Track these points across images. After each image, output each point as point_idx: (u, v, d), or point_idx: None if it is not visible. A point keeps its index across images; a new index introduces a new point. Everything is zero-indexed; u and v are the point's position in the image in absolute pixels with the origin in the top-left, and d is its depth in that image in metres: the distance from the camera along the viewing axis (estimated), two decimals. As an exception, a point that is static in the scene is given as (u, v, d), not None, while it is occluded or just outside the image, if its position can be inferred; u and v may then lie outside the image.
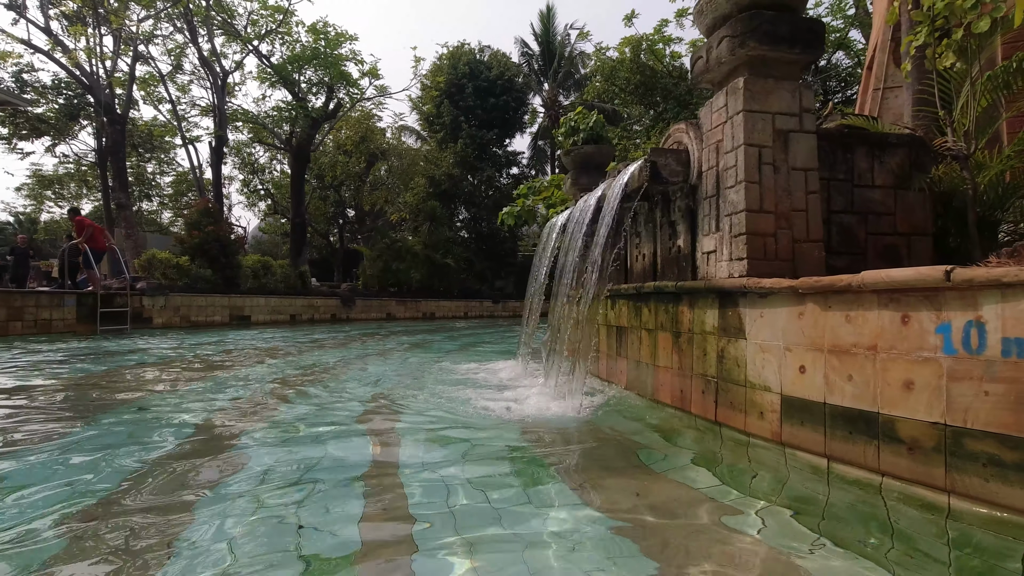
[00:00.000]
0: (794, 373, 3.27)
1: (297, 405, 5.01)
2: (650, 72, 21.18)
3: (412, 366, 8.12)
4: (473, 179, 31.52)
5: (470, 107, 30.94)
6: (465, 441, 3.86)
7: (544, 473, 3.27)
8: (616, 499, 2.86)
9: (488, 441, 3.88)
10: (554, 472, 3.29)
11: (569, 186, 8.15)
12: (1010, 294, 2.28)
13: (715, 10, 3.91)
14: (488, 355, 9.83)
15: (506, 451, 3.66)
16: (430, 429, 4.19)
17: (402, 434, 4.04)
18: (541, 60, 36.65)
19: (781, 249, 3.67)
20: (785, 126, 3.73)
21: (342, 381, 6.43)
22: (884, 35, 11.55)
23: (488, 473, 3.22)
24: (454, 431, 4.16)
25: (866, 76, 12.88)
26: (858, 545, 2.35)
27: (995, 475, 2.32)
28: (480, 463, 3.40)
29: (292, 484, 2.96)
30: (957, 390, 2.45)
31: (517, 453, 3.63)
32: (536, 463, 3.45)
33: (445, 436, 4.04)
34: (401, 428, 4.23)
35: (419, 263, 26.43)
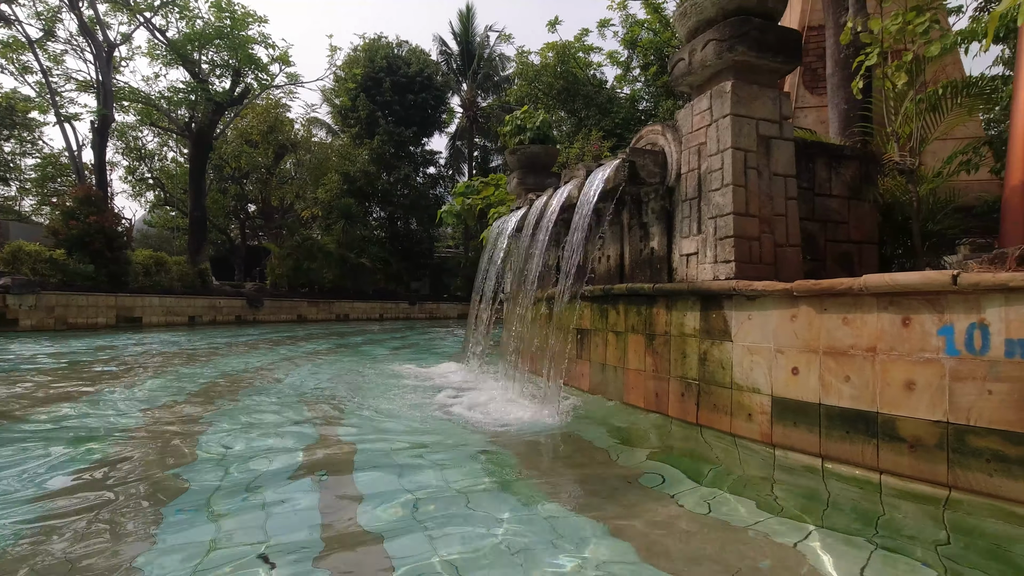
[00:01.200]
0: (786, 375, 3.31)
1: (218, 433, 4.00)
2: (572, 79, 21.63)
3: (350, 371, 7.57)
4: (389, 177, 30.53)
5: (387, 102, 29.97)
6: (444, 467, 3.57)
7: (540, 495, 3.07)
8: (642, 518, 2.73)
9: (475, 460, 3.61)
10: (548, 492, 3.11)
11: (515, 185, 8.01)
12: (1014, 298, 2.41)
13: (699, 13, 3.92)
14: (427, 358, 9.43)
15: (501, 470, 3.42)
16: (399, 449, 3.83)
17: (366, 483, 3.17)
18: (460, 60, 36.38)
19: (765, 253, 3.73)
20: (768, 132, 3.81)
21: (271, 394, 5.78)
22: (794, 59, 12.31)
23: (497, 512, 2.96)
24: (430, 457, 3.82)
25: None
26: (859, 533, 2.39)
27: (999, 470, 2.43)
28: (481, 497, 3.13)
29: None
30: (960, 390, 2.56)
31: (509, 475, 3.40)
32: (532, 490, 3.24)
33: (417, 463, 3.71)
34: (365, 471, 3.83)
35: (332, 263, 25.14)
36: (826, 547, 2.37)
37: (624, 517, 2.65)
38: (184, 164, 27.60)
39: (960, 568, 2.21)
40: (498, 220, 7.43)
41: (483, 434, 4.11)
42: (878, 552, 2.34)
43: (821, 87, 12.07)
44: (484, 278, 7.21)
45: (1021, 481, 2.37)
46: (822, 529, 2.55)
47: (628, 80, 24.14)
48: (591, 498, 2.94)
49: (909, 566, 2.22)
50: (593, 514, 2.68)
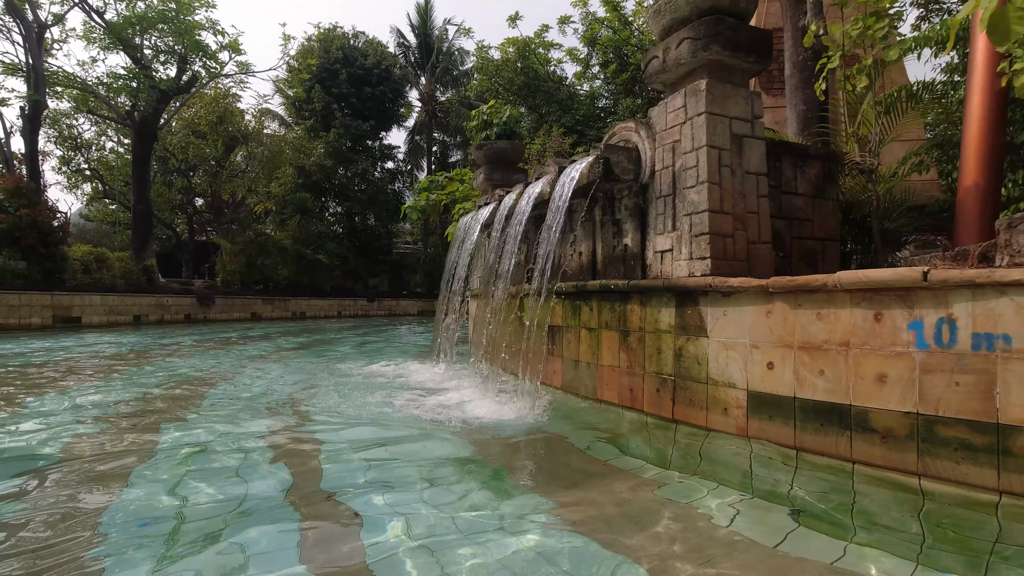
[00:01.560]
0: (762, 370, 3.38)
1: (173, 447, 3.57)
2: (533, 74, 21.64)
3: (316, 371, 7.33)
4: (346, 171, 29.82)
5: (344, 95, 29.22)
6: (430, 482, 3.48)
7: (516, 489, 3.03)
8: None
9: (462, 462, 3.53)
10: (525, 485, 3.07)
11: (482, 181, 7.93)
12: (980, 293, 2.52)
13: (674, 11, 3.95)
14: (393, 356, 9.23)
15: (487, 473, 3.36)
16: (378, 462, 3.71)
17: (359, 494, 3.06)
18: (418, 53, 35.84)
19: (739, 249, 3.80)
20: (740, 131, 3.88)
21: (232, 401, 5.49)
22: (750, 61, 12.59)
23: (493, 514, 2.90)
24: (410, 468, 3.72)
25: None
26: (832, 521, 2.47)
27: (966, 458, 2.55)
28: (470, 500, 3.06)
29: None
30: (929, 382, 2.66)
31: (490, 475, 3.34)
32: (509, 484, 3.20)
33: (400, 475, 3.61)
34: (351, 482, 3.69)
35: (288, 259, 24.37)
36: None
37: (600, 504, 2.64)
38: (125, 155, 26.19)
39: (928, 550, 2.29)
40: (465, 216, 7.34)
41: (460, 435, 4.04)
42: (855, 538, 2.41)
43: (776, 88, 12.46)
44: (452, 275, 7.11)
45: (986, 468, 2.49)
46: (801, 515, 2.61)
47: (587, 77, 24.35)
48: (589, 509, 2.92)
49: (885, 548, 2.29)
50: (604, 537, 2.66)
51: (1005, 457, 2.43)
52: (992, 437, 2.47)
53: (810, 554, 2.28)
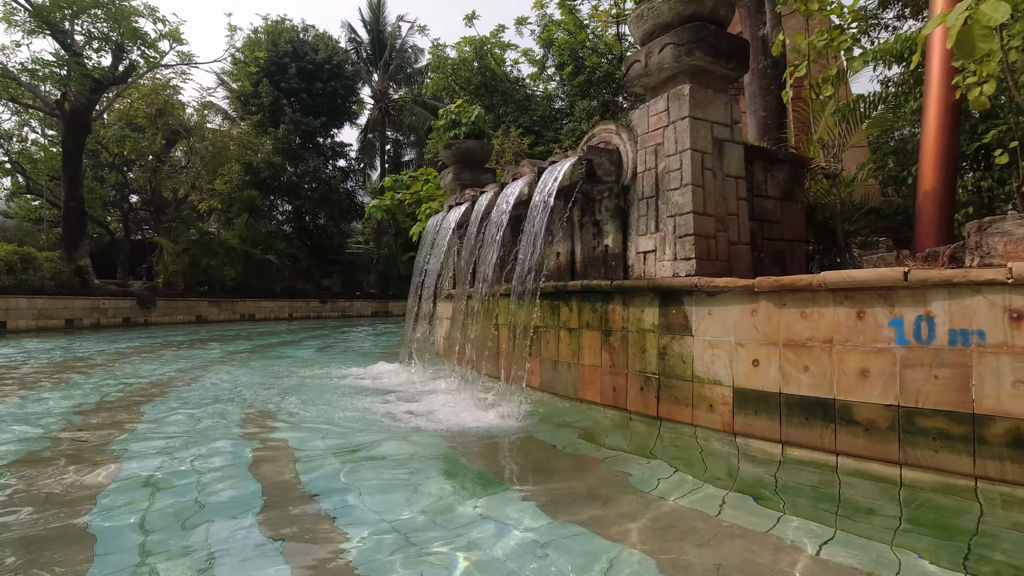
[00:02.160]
0: (747, 367, 3.49)
1: (133, 473, 3.17)
2: (491, 74, 21.62)
3: (278, 376, 7.04)
4: (296, 169, 28.87)
5: (294, 90, 28.27)
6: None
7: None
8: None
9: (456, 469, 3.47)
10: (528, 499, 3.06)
11: (450, 180, 7.84)
12: (956, 292, 2.69)
13: (656, 17, 4.03)
14: (356, 359, 9.00)
15: (482, 485, 3.32)
16: (364, 477, 3.60)
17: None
18: (370, 49, 35.14)
19: (720, 250, 3.91)
20: (721, 135, 3.99)
21: (185, 415, 5.17)
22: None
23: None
24: (390, 471, 3.63)
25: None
26: (817, 509, 2.58)
27: (944, 446, 2.71)
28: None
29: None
30: (909, 376, 2.82)
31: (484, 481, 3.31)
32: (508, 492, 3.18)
33: (382, 481, 3.52)
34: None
35: (236, 259, 23.36)
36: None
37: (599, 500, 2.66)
38: (51, 147, 24.47)
39: (909, 531, 2.43)
40: (435, 216, 7.24)
41: (442, 439, 3.97)
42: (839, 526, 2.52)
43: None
44: (423, 275, 7.00)
45: (962, 455, 2.66)
46: (791, 513, 2.71)
47: (543, 79, 24.55)
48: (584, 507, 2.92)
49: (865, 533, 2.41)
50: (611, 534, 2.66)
51: (981, 445, 2.61)
52: (968, 426, 2.64)
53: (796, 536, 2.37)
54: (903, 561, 2.19)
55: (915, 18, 8.23)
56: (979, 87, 3.69)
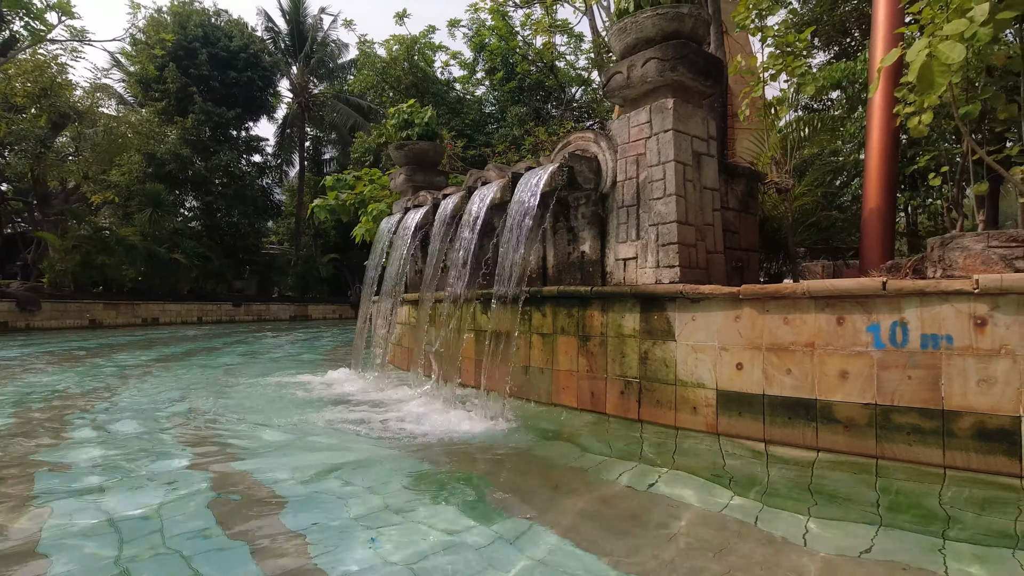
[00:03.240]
0: (731, 370, 3.67)
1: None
2: (422, 75, 21.30)
3: (213, 389, 6.48)
4: (207, 163, 26.88)
5: (204, 77, 26.33)
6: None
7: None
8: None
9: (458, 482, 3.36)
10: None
11: (402, 182, 7.63)
12: (927, 300, 2.98)
13: (640, 31, 4.15)
14: (297, 365, 8.49)
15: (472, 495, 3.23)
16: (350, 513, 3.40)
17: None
18: (289, 40, 33.46)
19: (700, 258, 4.08)
20: (699, 149, 4.17)
21: (103, 443, 4.66)
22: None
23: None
24: (376, 498, 3.45)
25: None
26: (805, 500, 2.79)
27: (917, 440, 2.99)
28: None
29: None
30: (885, 376, 3.09)
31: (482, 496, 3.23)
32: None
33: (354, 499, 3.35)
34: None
35: (137, 258, 21.28)
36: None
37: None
38: (-93, 126, 21.16)
39: (889, 515, 2.66)
40: (388, 218, 7.01)
41: (425, 456, 3.84)
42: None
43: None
44: (376, 278, 6.75)
45: (933, 448, 2.94)
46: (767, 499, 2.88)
47: (471, 83, 24.54)
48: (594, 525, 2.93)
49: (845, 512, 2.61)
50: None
51: (949, 438, 2.90)
52: (938, 422, 2.93)
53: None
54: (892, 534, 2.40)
55: (828, 49, 9.05)
56: (918, 116, 4.12)
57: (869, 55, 4.67)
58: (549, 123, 19.94)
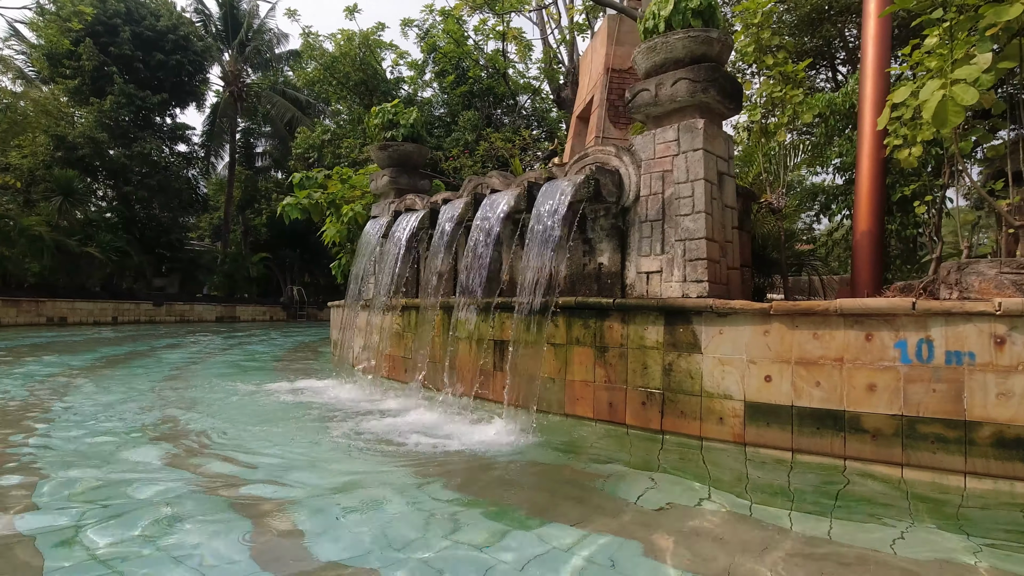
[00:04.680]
0: (759, 382, 3.83)
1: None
2: (372, 72, 20.75)
3: (191, 392, 5.94)
4: (127, 150, 24.76)
5: (126, 57, 24.26)
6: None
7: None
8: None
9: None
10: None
11: (386, 183, 7.38)
12: (951, 320, 3.25)
13: (669, 52, 4.27)
14: (257, 372, 7.95)
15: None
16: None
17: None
18: (221, 25, 31.56)
19: (722, 274, 4.24)
20: (722, 168, 4.35)
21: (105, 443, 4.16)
22: (601, 95, 13.95)
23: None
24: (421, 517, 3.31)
25: (576, 125, 15.48)
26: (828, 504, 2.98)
27: (941, 448, 3.25)
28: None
29: None
30: (911, 390, 3.34)
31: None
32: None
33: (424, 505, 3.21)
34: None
35: (42, 250, 19.18)
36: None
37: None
38: None
39: (916, 514, 2.89)
40: (373, 221, 6.75)
41: (456, 468, 3.73)
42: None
43: (621, 122, 13.97)
44: (362, 282, 6.48)
45: (956, 455, 3.21)
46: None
47: (419, 84, 24.19)
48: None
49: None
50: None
51: (971, 446, 3.18)
52: (961, 431, 3.20)
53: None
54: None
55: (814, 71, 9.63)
56: (907, 149, 4.51)
57: (859, 89, 5.05)
58: (501, 129, 20.02)
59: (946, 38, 4.02)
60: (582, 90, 15.94)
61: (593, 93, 14.43)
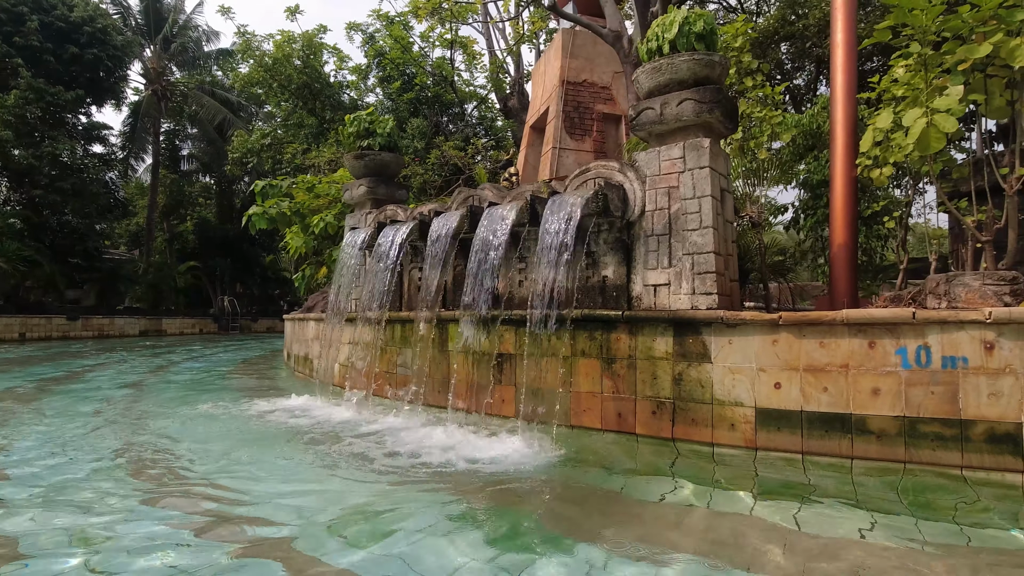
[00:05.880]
0: (769, 389, 4.03)
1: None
2: (316, 75, 20.08)
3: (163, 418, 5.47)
4: (33, 150, 22.59)
5: (35, 49, 22.17)
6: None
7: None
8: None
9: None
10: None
11: (363, 193, 7.17)
12: (946, 328, 3.57)
13: (674, 72, 4.44)
14: (220, 393, 7.46)
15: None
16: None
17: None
18: (142, 19, 29.58)
19: (727, 286, 4.44)
20: (723, 185, 4.56)
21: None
22: (557, 106, 14.25)
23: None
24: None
25: (530, 135, 15.70)
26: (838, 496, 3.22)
27: (939, 446, 3.56)
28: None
29: None
30: (912, 392, 3.63)
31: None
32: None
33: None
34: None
35: (-64, 261, 17.14)
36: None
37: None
38: None
39: (913, 508, 3.16)
40: (352, 233, 6.54)
41: (481, 485, 3.68)
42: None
43: (577, 133, 14.27)
44: (342, 295, 6.25)
45: (953, 451, 3.52)
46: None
47: (361, 89, 23.67)
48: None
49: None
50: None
51: (966, 443, 3.49)
52: (957, 429, 3.51)
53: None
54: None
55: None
56: (879, 169, 4.92)
57: (830, 113, 5.44)
58: (450, 138, 19.91)
59: (917, 69, 4.42)
60: (535, 100, 16.17)
61: (548, 104, 14.66)
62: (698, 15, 4.42)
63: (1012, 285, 3.64)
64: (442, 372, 5.76)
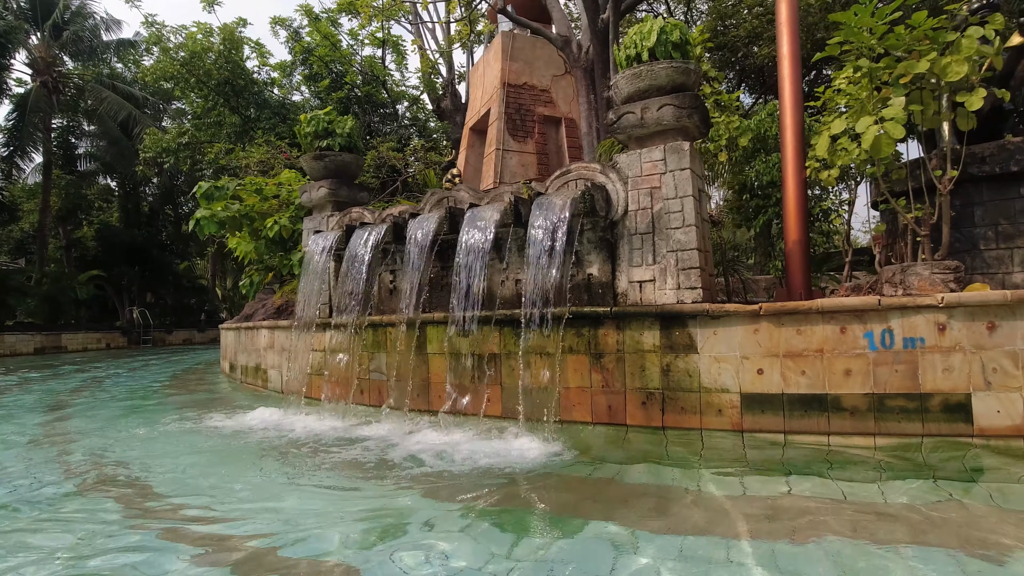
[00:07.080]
0: (752, 375, 4.34)
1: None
2: (240, 71, 18.98)
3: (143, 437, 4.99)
4: None
5: None
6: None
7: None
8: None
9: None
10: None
11: (324, 196, 6.91)
12: (906, 312, 4.00)
13: (654, 79, 4.67)
14: (163, 410, 6.91)
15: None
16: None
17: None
18: (26, 3, 26.65)
19: (708, 280, 4.72)
20: (700, 185, 4.83)
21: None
22: (499, 108, 14.43)
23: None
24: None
25: (470, 136, 15.76)
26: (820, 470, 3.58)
27: (904, 417, 3.99)
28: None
29: None
30: (879, 371, 4.04)
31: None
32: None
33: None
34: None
35: None
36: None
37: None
38: None
39: (891, 467, 3.57)
40: (317, 237, 6.29)
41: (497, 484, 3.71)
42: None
43: (519, 135, 14.44)
44: (311, 301, 6.01)
45: (915, 422, 3.96)
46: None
47: (284, 87, 22.66)
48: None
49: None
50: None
51: (925, 413, 3.94)
52: (918, 402, 3.96)
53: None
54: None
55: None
56: (827, 171, 5.42)
57: (780, 120, 5.90)
58: (386, 138, 19.49)
59: (859, 81, 4.92)
60: (475, 102, 16.21)
61: (490, 106, 14.76)
62: (674, 25, 4.67)
63: (955, 273, 4.15)
64: (422, 375, 5.69)
